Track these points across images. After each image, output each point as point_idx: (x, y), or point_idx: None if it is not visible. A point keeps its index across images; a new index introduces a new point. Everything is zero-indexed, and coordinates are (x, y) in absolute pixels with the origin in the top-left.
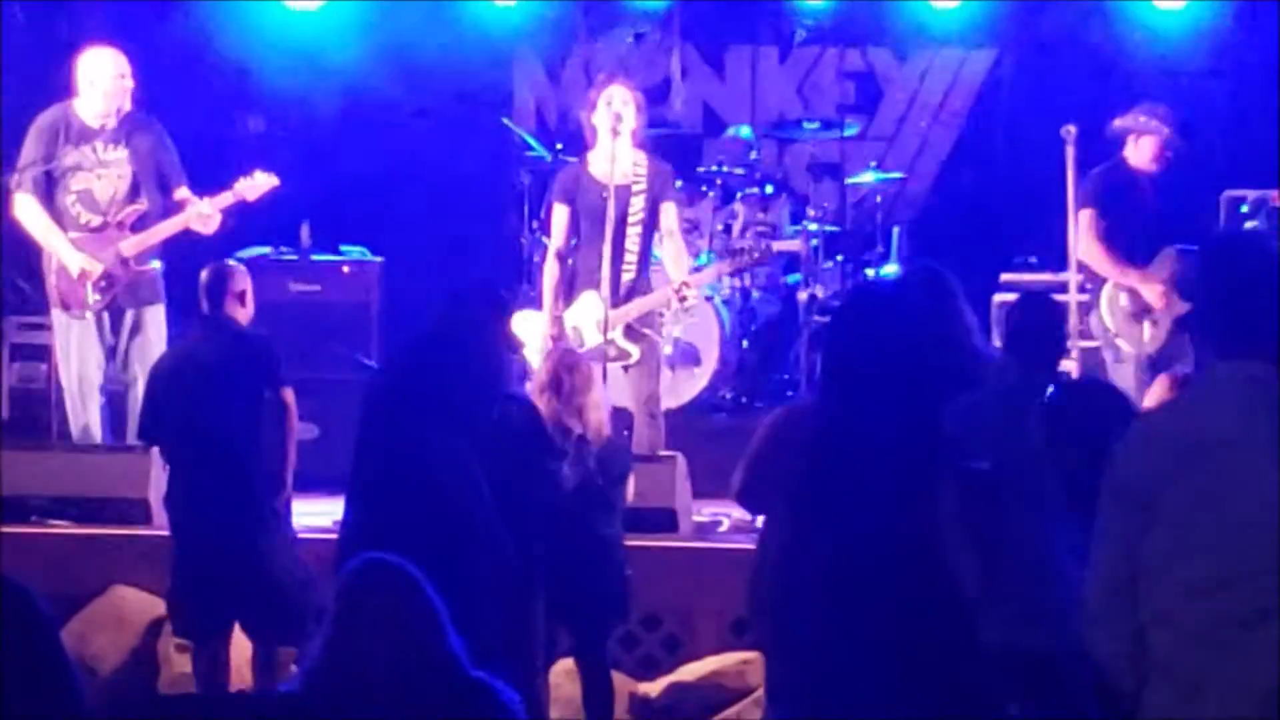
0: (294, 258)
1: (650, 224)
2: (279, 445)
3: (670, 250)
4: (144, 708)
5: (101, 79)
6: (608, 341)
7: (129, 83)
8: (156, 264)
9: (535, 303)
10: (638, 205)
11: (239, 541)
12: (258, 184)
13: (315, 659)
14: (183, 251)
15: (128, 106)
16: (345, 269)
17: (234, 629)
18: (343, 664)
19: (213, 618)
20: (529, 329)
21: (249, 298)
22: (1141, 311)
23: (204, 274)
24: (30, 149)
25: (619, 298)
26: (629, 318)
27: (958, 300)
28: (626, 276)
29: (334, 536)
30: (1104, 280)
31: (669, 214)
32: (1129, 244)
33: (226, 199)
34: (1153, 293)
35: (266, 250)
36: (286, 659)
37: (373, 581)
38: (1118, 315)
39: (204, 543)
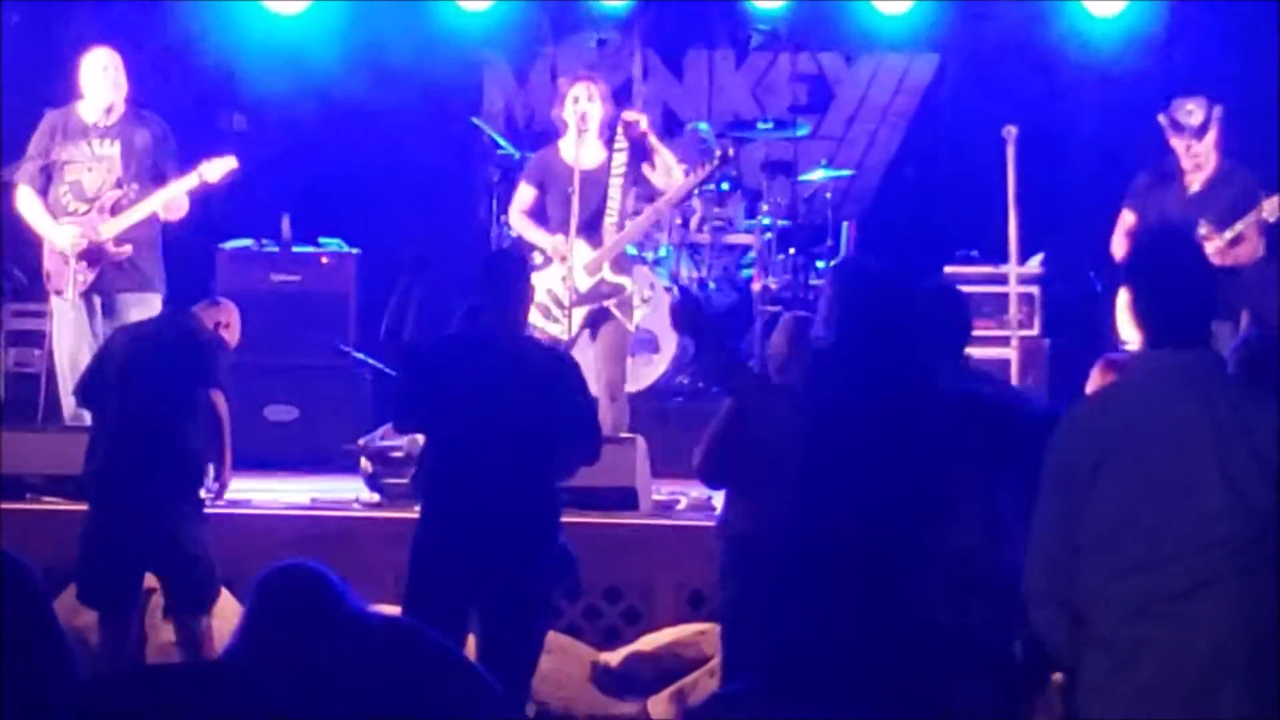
0: (275, 249)
1: (632, 184)
2: (211, 439)
3: (660, 164)
4: (131, 676)
5: (94, 77)
6: (597, 281)
7: (120, 78)
8: (127, 248)
9: None
10: (617, 173)
11: (158, 519)
12: (216, 166)
13: (235, 639)
14: (166, 242)
15: (121, 104)
16: (324, 260)
17: (141, 602)
18: (261, 640)
19: (122, 590)
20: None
21: (225, 330)
22: None
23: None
24: (34, 145)
25: (601, 242)
26: (615, 251)
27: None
28: (609, 222)
29: (314, 513)
30: None
31: (658, 150)
32: None
33: (192, 180)
34: None
35: (249, 242)
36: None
37: (284, 579)
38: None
39: (121, 516)
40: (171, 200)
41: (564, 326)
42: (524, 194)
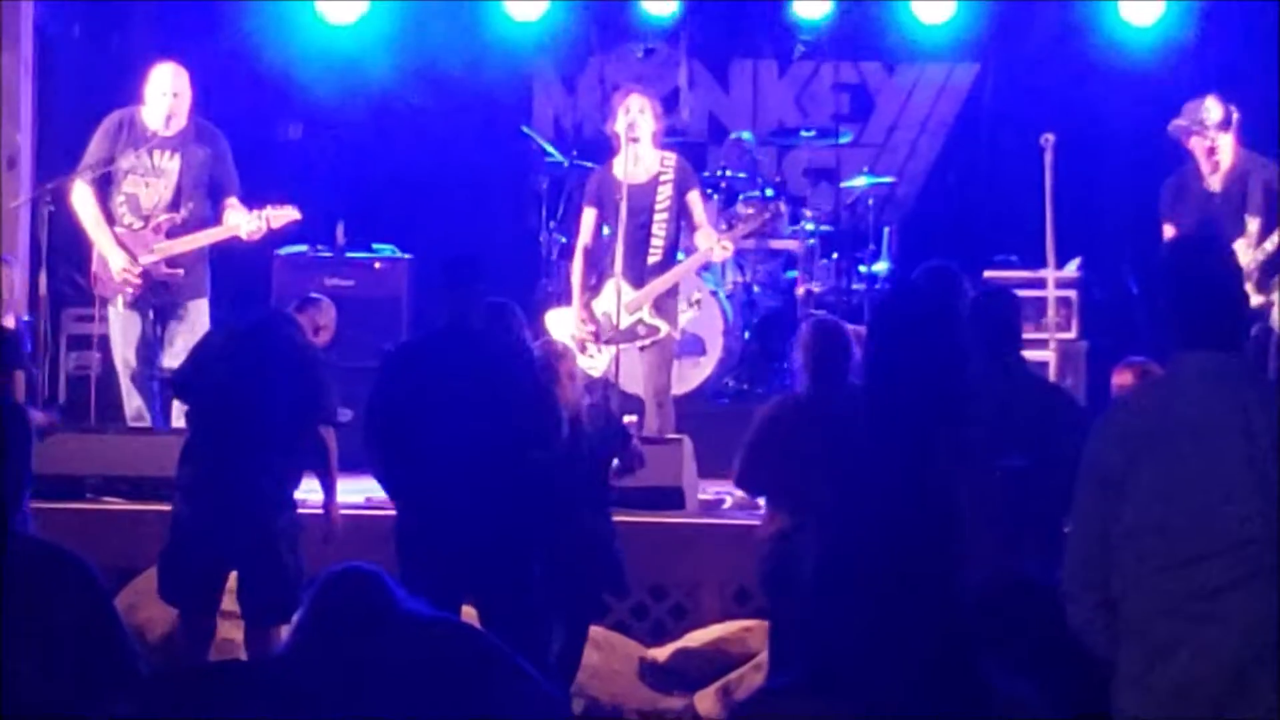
0: (329, 255)
1: (677, 213)
2: (318, 470)
3: (701, 239)
4: (191, 672)
5: (157, 92)
6: (635, 321)
7: (183, 94)
8: (179, 271)
9: (555, 298)
10: (664, 194)
11: (253, 522)
12: (281, 214)
13: (292, 638)
14: (223, 248)
15: (184, 118)
16: (377, 265)
17: (220, 603)
18: (317, 639)
19: (204, 589)
20: (560, 323)
21: (322, 333)
22: None
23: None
24: (94, 148)
25: (643, 282)
26: (656, 293)
27: (964, 298)
28: (652, 260)
29: (365, 512)
30: None
31: (696, 205)
32: None
33: (256, 223)
34: None
35: (304, 248)
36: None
37: (340, 581)
38: None
39: (214, 518)
40: (246, 228)
41: (599, 363)
42: (586, 221)
